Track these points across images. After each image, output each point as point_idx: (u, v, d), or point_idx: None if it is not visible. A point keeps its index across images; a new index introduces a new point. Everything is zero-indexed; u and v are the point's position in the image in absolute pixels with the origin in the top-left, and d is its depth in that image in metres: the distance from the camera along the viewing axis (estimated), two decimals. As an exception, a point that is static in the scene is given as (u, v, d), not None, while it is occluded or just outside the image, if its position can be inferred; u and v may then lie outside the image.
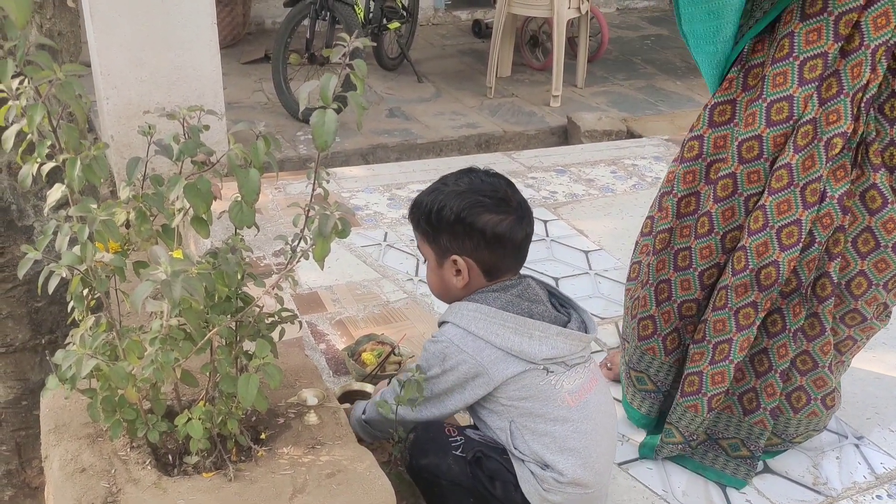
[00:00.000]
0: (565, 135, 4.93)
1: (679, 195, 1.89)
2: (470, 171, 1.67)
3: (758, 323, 1.80)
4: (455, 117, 4.98)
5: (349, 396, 1.98)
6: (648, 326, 1.99)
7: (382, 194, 3.44)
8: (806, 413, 1.92)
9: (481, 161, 3.90)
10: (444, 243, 1.60)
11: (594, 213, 3.35)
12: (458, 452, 1.58)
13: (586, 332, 1.61)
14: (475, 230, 1.57)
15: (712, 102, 1.83)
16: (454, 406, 1.61)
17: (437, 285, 1.68)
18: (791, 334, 1.81)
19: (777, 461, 2.02)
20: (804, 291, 1.78)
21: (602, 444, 1.62)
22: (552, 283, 2.75)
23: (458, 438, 1.60)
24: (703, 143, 1.84)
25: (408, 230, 3.09)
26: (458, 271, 1.61)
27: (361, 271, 2.79)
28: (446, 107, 5.18)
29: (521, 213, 1.61)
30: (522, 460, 1.57)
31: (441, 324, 1.65)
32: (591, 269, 2.91)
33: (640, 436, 2.08)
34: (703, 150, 1.84)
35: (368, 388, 2.02)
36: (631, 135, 4.67)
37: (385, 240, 3.03)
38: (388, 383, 1.95)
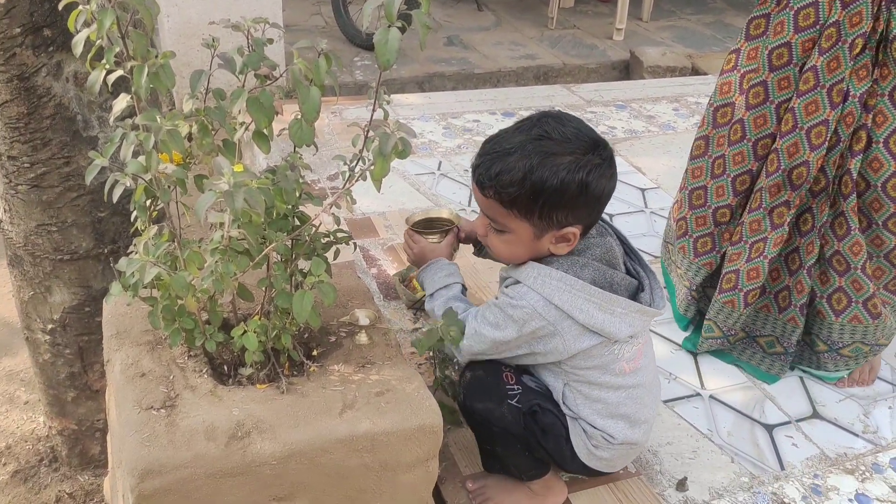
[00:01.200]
0: (627, 70, 4.81)
1: (715, 105, 1.98)
2: (560, 123, 1.41)
3: (789, 220, 1.89)
4: (514, 48, 4.89)
5: (428, 224, 1.84)
6: (682, 226, 2.12)
7: (438, 123, 3.41)
8: (847, 317, 1.96)
9: (539, 93, 3.84)
10: (558, 218, 1.40)
11: (653, 151, 3.27)
12: (514, 402, 1.53)
13: (652, 303, 1.50)
14: (595, 197, 1.41)
15: (750, 17, 1.91)
16: (517, 359, 1.54)
17: (524, 255, 1.49)
18: (818, 231, 1.90)
19: (827, 408, 2.00)
20: (830, 189, 1.86)
21: (651, 402, 1.61)
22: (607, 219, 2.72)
23: (516, 387, 1.54)
24: (739, 56, 1.92)
25: (463, 161, 3.08)
26: (560, 239, 1.44)
27: (414, 199, 2.79)
28: (505, 36, 5.08)
29: (615, 161, 1.46)
30: (574, 417, 1.56)
31: (512, 281, 1.50)
32: (646, 206, 2.87)
33: (685, 373, 2.08)
34: (738, 63, 1.92)
35: (446, 214, 1.86)
36: (696, 72, 4.53)
37: (439, 169, 3.02)
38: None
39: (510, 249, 1.49)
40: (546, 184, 1.36)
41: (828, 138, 1.80)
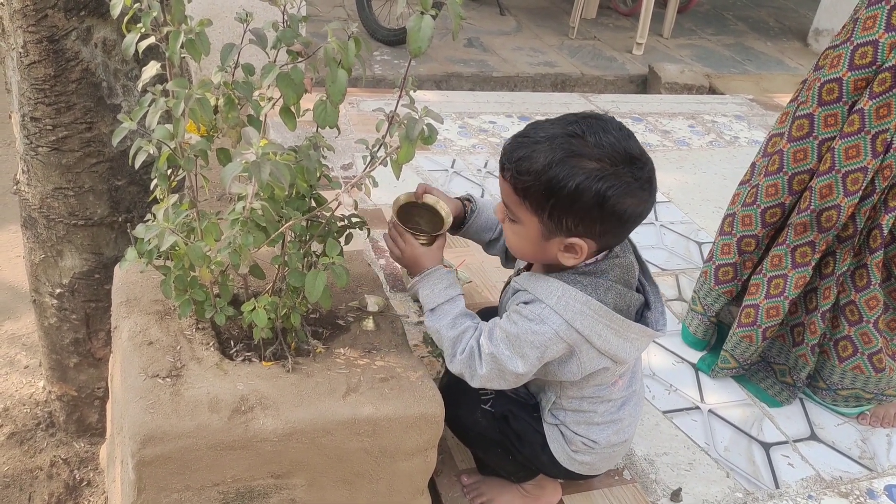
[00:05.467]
0: (644, 84, 4.81)
1: (772, 133, 1.93)
2: (600, 129, 1.29)
3: (813, 263, 1.85)
4: (533, 54, 4.89)
5: (414, 209, 1.57)
6: (710, 251, 2.11)
7: (454, 122, 3.41)
8: (850, 365, 1.94)
9: (556, 101, 3.85)
10: (568, 224, 1.31)
11: (666, 165, 3.28)
12: (486, 407, 1.54)
13: (657, 324, 1.45)
14: (615, 215, 1.29)
15: (828, 45, 1.83)
16: (529, 370, 1.40)
17: (532, 254, 1.41)
18: (836, 278, 1.86)
19: (825, 431, 2.00)
20: (856, 239, 1.82)
21: (639, 406, 1.59)
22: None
23: (489, 392, 1.53)
24: (804, 87, 1.86)
25: (476, 160, 3.08)
26: (570, 249, 1.35)
27: (426, 194, 2.79)
28: (525, 42, 5.08)
29: (654, 187, 1.34)
30: (554, 424, 1.54)
31: (530, 297, 1.39)
32: (657, 220, 2.87)
33: (685, 385, 2.08)
34: (799, 94, 1.87)
35: (432, 200, 1.56)
36: (713, 91, 4.53)
37: (452, 166, 3.02)
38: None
39: (518, 243, 1.41)
40: (560, 183, 1.26)
41: (863, 186, 1.74)
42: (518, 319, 1.37)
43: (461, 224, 1.61)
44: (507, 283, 1.54)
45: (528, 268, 1.53)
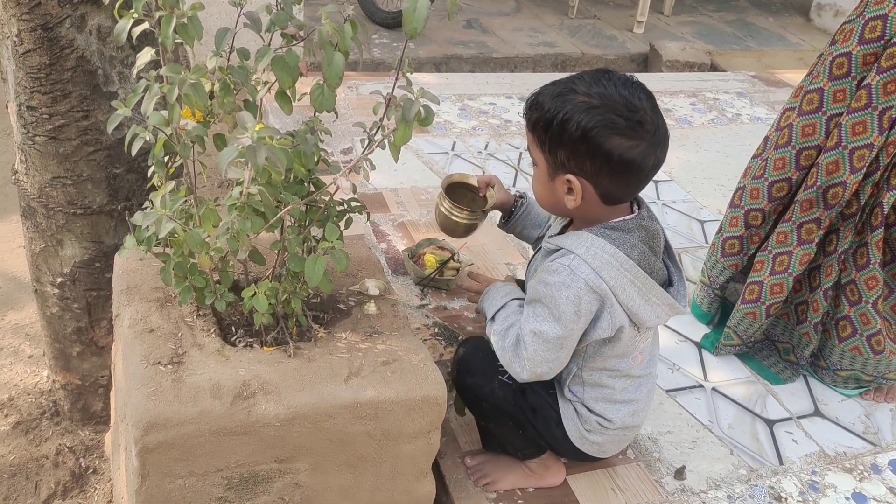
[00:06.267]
0: (645, 62, 4.78)
1: (785, 107, 1.91)
2: (605, 77, 1.38)
3: (818, 240, 1.85)
4: (533, 34, 4.86)
5: (453, 189, 1.81)
6: (720, 223, 2.10)
7: (454, 104, 3.39)
8: (849, 345, 1.94)
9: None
10: (561, 158, 1.40)
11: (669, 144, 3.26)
12: (504, 378, 1.55)
13: (679, 301, 1.49)
14: (600, 153, 1.35)
15: (844, 19, 1.81)
16: (569, 332, 1.43)
17: (546, 198, 1.49)
18: (838, 256, 1.86)
19: (829, 407, 2.00)
20: (858, 217, 1.82)
21: (652, 391, 1.62)
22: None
23: None
24: (819, 61, 1.84)
25: (477, 142, 3.07)
26: (571, 190, 1.42)
27: (427, 177, 2.78)
28: (525, 23, 5.05)
29: (656, 139, 1.37)
30: (570, 400, 1.55)
31: (559, 249, 1.46)
32: (659, 198, 2.86)
33: (688, 364, 2.08)
34: (814, 68, 1.86)
35: (473, 180, 1.80)
36: (714, 68, 4.50)
37: (453, 149, 3.01)
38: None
39: (537, 187, 1.50)
40: (553, 113, 1.38)
41: (868, 163, 1.73)
42: (548, 278, 1.42)
43: (509, 215, 1.78)
44: (534, 255, 1.61)
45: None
